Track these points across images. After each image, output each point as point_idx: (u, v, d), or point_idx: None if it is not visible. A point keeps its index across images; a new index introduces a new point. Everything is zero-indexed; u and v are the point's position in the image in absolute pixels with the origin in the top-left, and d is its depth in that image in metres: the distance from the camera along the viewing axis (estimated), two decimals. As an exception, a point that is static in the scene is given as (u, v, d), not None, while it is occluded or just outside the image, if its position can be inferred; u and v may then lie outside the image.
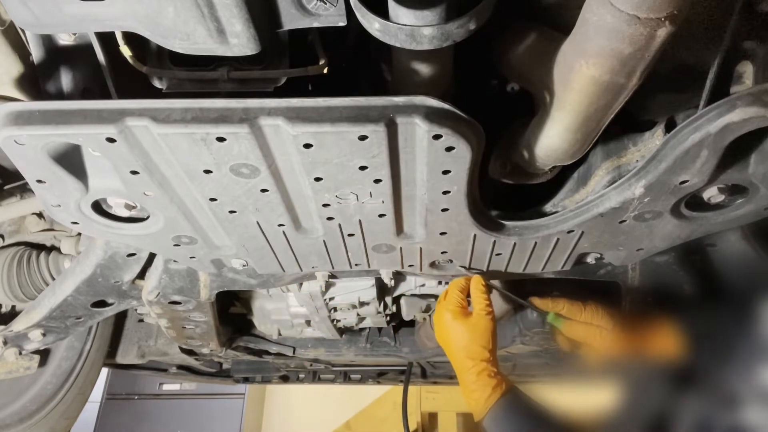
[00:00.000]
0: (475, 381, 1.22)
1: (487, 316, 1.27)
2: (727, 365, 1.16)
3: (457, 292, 1.32)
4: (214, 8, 0.76)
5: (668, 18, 0.68)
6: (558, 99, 0.92)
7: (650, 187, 1.02)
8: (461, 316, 1.28)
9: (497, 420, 1.18)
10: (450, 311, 1.29)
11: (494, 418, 1.18)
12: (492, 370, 1.23)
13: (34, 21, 0.79)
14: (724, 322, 1.21)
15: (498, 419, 1.18)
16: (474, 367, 1.23)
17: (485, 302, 1.29)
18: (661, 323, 1.36)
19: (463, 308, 1.30)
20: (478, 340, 1.25)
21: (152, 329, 2.16)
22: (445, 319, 1.30)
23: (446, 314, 1.30)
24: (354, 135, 0.85)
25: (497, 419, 1.18)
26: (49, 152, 0.90)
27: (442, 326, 1.31)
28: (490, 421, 1.19)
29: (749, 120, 0.87)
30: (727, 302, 1.29)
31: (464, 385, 1.26)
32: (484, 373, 1.22)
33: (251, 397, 5.08)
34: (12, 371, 1.71)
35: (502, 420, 1.18)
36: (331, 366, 2.57)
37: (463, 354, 1.26)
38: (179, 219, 1.09)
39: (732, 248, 1.45)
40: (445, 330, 1.30)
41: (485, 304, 1.29)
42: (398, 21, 0.79)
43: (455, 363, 1.28)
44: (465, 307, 1.31)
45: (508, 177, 1.25)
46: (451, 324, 1.28)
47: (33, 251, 1.68)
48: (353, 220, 1.11)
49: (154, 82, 1.03)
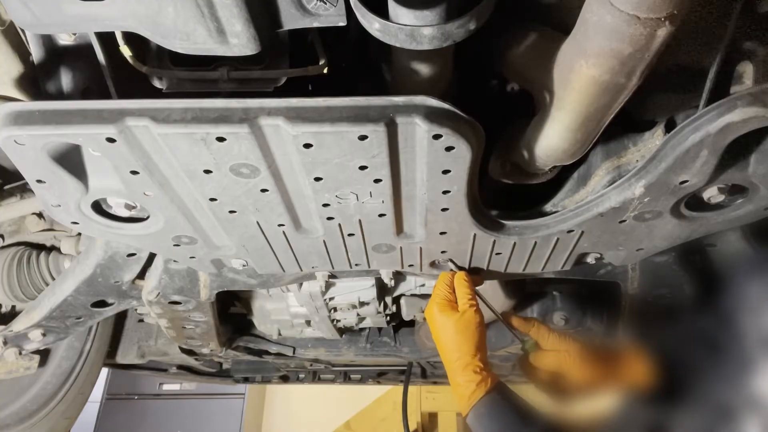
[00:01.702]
0: (460, 375, 1.20)
1: (471, 308, 1.26)
2: (717, 375, 1.15)
3: (445, 286, 1.31)
4: (214, 8, 0.76)
5: (668, 18, 0.68)
6: (558, 99, 0.93)
7: (650, 187, 1.02)
8: (448, 309, 1.27)
9: (480, 417, 1.16)
10: (437, 304, 1.29)
11: (477, 416, 1.16)
12: (477, 366, 1.20)
13: (34, 21, 0.79)
14: (717, 327, 1.20)
15: (481, 417, 1.15)
16: (458, 360, 1.21)
17: (468, 296, 1.28)
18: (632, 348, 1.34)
19: (450, 302, 1.29)
20: (463, 333, 1.23)
21: (152, 329, 2.16)
22: (432, 313, 1.29)
23: (433, 307, 1.29)
24: (354, 135, 0.85)
25: (480, 417, 1.16)
26: (49, 152, 0.90)
27: (430, 320, 1.31)
28: (473, 418, 1.16)
29: (749, 120, 0.87)
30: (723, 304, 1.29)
31: (450, 380, 1.24)
32: (469, 368, 1.19)
33: (251, 397, 5.08)
34: (12, 371, 1.70)
35: (485, 418, 1.15)
36: (331, 366, 2.57)
37: (448, 348, 1.24)
38: (179, 219, 1.09)
39: (732, 248, 1.45)
40: (433, 324, 1.29)
41: (468, 298, 1.28)
42: (398, 21, 0.79)
43: (443, 357, 1.26)
44: (452, 301, 1.30)
45: (508, 177, 1.25)
46: (437, 317, 1.27)
47: (33, 251, 1.68)
48: (353, 220, 1.11)
49: (154, 82, 1.03)
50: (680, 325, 1.37)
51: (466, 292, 1.29)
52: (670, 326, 1.40)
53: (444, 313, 1.26)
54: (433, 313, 1.28)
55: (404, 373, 2.52)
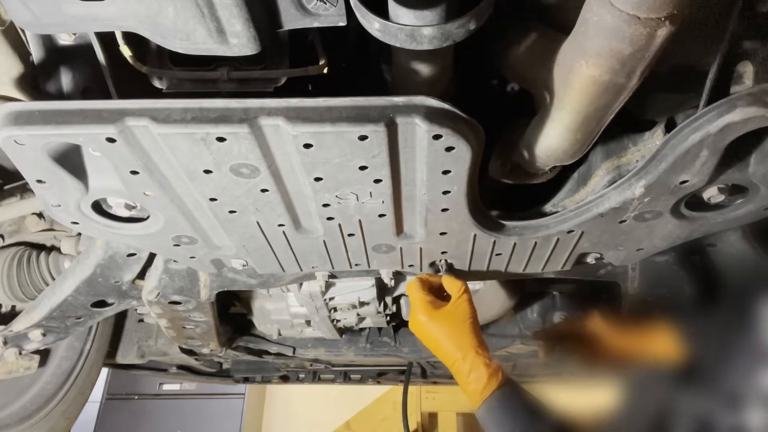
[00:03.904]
0: (471, 373, 1.17)
1: (463, 298, 1.22)
2: (728, 366, 1.16)
3: (418, 292, 1.27)
4: (214, 8, 0.76)
5: (668, 18, 0.68)
6: (558, 99, 0.93)
7: (650, 187, 1.02)
8: (434, 309, 1.23)
9: (492, 411, 1.14)
10: (421, 310, 1.24)
11: (489, 409, 1.14)
12: (485, 358, 1.17)
13: (34, 21, 0.79)
14: (724, 323, 1.21)
15: (493, 410, 1.14)
16: (464, 358, 1.18)
17: (460, 287, 1.24)
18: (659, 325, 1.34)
19: (433, 302, 1.25)
20: (460, 327, 1.20)
21: (152, 329, 2.15)
22: (420, 321, 1.24)
23: (419, 316, 1.24)
24: (354, 135, 0.85)
25: (492, 410, 1.14)
26: (49, 152, 0.90)
27: (419, 329, 1.25)
28: (485, 411, 1.15)
29: (749, 120, 0.87)
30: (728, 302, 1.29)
31: (459, 378, 1.20)
32: (478, 362, 1.17)
33: (251, 397, 5.08)
34: (12, 371, 1.70)
35: (496, 411, 1.14)
36: (331, 366, 2.57)
37: (448, 349, 1.20)
38: (179, 219, 1.09)
39: (732, 248, 1.45)
40: (424, 331, 1.24)
41: (459, 288, 1.24)
42: (398, 21, 0.79)
43: (446, 359, 1.22)
44: (434, 300, 1.25)
45: (508, 177, 1.25)
46: (427, 323, 1.23)
47: (33, 251, 1.68)
48: (353, 220, 1.11)
49: (154, 82, 1.03)
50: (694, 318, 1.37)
51: (456, 284, 1.26)
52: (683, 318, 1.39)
53: (433, 314, 1.23)
54: (421, 321, 1.24)
55: (404, 373, 2.52)
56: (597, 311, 1.33)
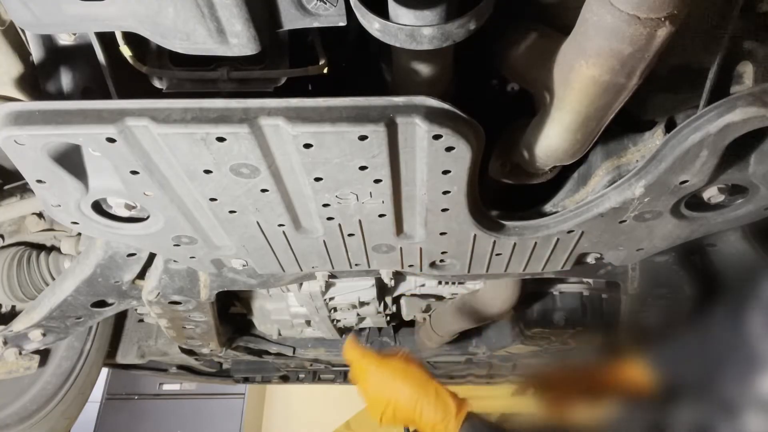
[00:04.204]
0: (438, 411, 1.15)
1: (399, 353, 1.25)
2: (724, 372, 1.15)
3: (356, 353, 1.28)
4: (214, 8, 0.76)
5: (668, 18, 0.68)
6: (558, 99, 0.92)
7: (650, 187, 1.02)
8: (378, 359, 1.25)
9: None
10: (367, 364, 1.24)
11: None
12: (443, 390, 1.17)
13: (34, 21, 0.79)
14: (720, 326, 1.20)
15: None
16: (426, 396, 1.16)
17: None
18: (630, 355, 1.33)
19: (375, 356, 1.26)
20: (411, 367, 1.21)
21: (152, 329, 2.16)
22: (367, 375, 1.24)
23: (366, 371, 1.24)
24: (354, 135, 0.85)
25: None
26: (49, 152, 0.90)
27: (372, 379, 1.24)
28: None
29: (749, 120, 0.87)
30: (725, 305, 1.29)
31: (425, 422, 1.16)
32: (443, 397, 1.16)
33: (251, 397, 5.07)
34: (12, 371, 1.70)
35: None
36: (331, 366, 2.57)
37: (405, 392, 1.18)
38: (179, 219, 1.09)
39: (732, 248, 1.45)
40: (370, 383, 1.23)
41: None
42: (398, 21, 0.79)
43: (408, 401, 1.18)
44: (375, 354, 1.27)
45: (508, 177, 1.25)
46: (374, 372, 1.22)
47: (33, 251, 1.68)
48: (353, 220, 1.11)
49: (154, 82, 1.03)
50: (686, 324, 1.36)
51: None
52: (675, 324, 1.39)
53: (381, 360, 1.24)
54: (368, 374, 1.23)
55: (404, 373, 2.52)
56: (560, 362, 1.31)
